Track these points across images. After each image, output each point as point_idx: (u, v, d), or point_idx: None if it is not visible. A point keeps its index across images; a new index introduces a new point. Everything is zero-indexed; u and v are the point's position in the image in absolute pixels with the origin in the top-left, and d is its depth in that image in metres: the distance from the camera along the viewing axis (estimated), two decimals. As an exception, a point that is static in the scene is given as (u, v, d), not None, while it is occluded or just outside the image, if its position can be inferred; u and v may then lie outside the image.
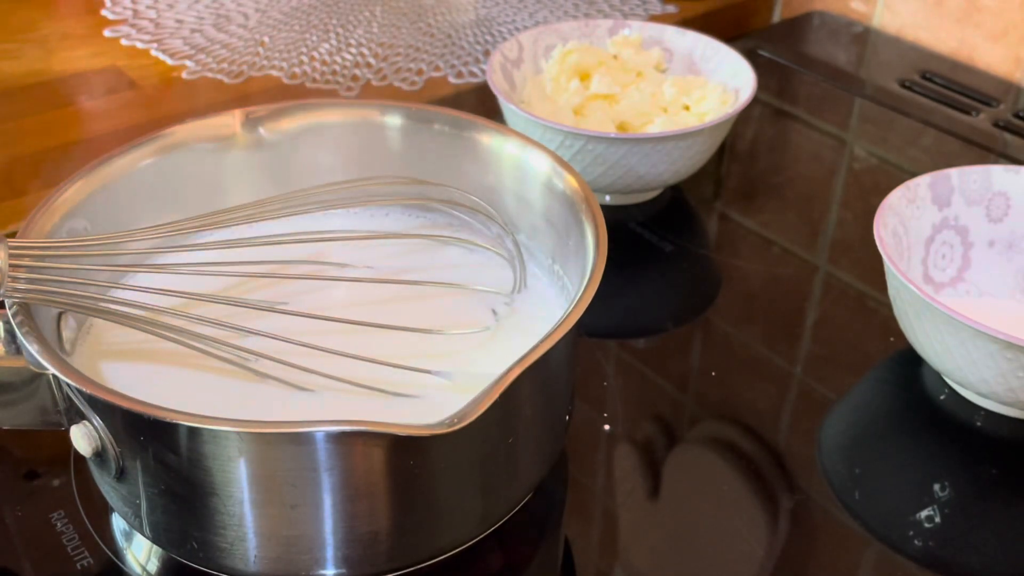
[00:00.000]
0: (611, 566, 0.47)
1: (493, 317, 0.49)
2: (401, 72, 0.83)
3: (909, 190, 0.57)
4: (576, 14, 0.93)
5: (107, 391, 0.38)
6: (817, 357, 0.59)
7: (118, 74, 0.81)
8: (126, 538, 0.46)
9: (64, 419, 0.42)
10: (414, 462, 0.39)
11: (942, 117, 0.82)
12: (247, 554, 0.40)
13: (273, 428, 0.36)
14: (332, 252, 0.52)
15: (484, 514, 0.43)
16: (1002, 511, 0.50)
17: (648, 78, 0.71)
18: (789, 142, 0.80)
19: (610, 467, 0.51)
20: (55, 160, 0.70)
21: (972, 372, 0.50)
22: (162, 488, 0.39)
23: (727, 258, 0.67)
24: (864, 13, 0.96)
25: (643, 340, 0.60)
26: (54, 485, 0.48)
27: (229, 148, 0.53)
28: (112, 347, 0.46)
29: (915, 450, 0.53)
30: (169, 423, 0.36)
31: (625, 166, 0.64)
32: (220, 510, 0.39)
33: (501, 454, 0.42)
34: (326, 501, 0.38)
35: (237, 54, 0.84)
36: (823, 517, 0.49)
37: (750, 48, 0.90)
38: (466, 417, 0.36)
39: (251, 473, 0.38)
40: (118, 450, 0.39)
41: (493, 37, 0.89)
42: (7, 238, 0.40)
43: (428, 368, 0.44)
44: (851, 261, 0.66)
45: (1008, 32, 0.86)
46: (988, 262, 0.59)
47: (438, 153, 0.53)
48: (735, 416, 0.54)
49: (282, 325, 0.45)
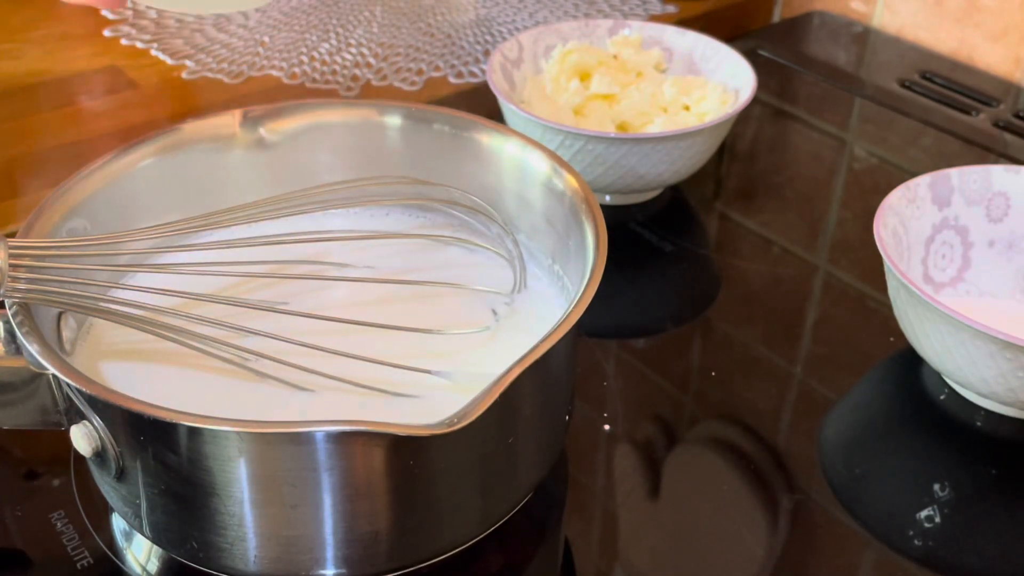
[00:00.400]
0: (611, 566, 0.47)
1: (493, 317, 0.49)
2: (401, 72, 0.83)
3: (909, 190, 0.57)
4: (576, 14, 0.93)
5: (107, 391, 0.38)
6: (817, 357, 0.59)
7: (118, 74, 0.81)
8: (126, 538, 0.46)
9: (64, 419, 0.42)
10: (414, 462, 0.39)
11: (942, 117, 0.81)
12: (247, 554, 0.40)
13: (273, 428, 0.36)
14: (332, 252, 0.52)
15: (484, 514, 0.43)
16: (1002, 511, 0.50)
17: (648, 78, 0.71)
18: (789, 142, 0.80)
19: (610, 467, 0.51)
20: (55, 160, 0.70)
21: (972, 372, 0.50)
22: (162, 488, 0.39)
23: (727, 258, 0.67)
24: (864, 13, 0.96)
25: (643, 340, 0.60)
26: (54, 485, 0.49)
27: (229, 148, 0.53)
28: (112, 347, 0.46)
29: (915, 450, 0.53)
30: (169, 423, 0.37)
31: (625, 166, 0.64)
32: (220, 510, 0.39)
33: (501, 454, 0.42)
34: (326, 501, 0.38)
35: (237, 54, 0.84)
36: (823, 517, 0.49)
37: (750, 48, 0.89)
38: (466, 417, 0.36)
39: (251, 473, 0.38)
40: (118, 450, 0.39)
41: (493, 37, 0.89)
42: (7, 238, 0.40)
43: (428, 368, 0.44)
44: (851, 261, 0.66)
45: (1008, 32, 0.86)
46: (988, 262, 0.59)
47: (438, 153, 0.53)
48: (735, 416, 0.54)
49: (282, 325, 0.45)
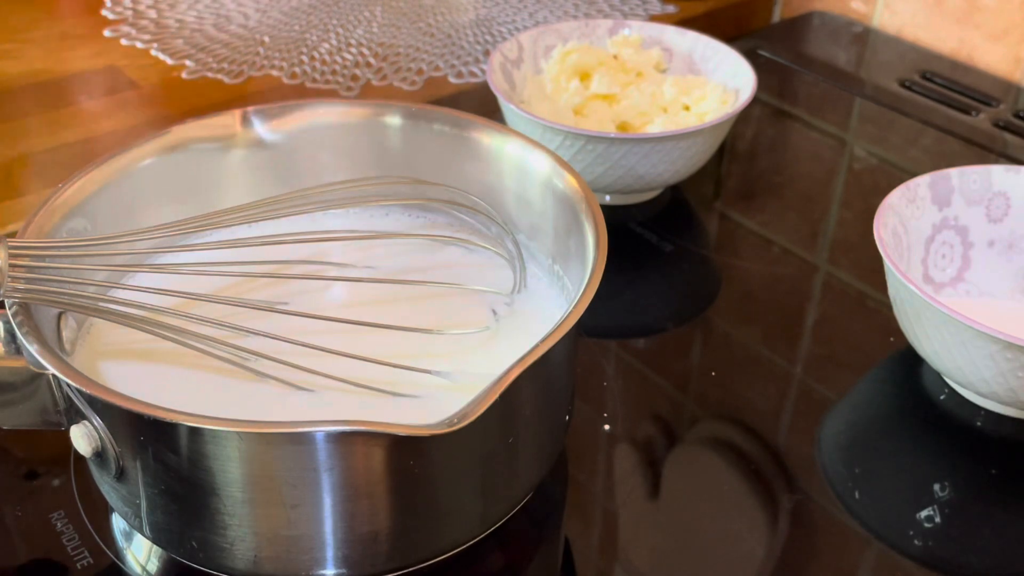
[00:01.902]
0: (611, 566, 0.47)
1: (493, 317, 0.49)
2: (401, 72, 0.83)
3: (909, 190, 0.57)
4: (576, 14, 0.93)
5: (107, 391, 0.38)
6: (817, 357, 0.59)
7: (118, 74, 0.81)
8: (126, 538, 0.46)
9: (64, 419, 0.42)
10: (414, 462, 0.39)
11: (942, 117, 0.81)
12: (247, 554, 0.40)
13: (273, 428, 0.36)
14: (332, 252, 0.52)
15: (484, 514, 0.43)
16: (1002, 511, 0.50)
17: (648, 78, 0.71)
18: (789, 142, 0.80)
19: (610, 467, 0.51)
20: (55, 160, 0.70)
21: (972, 372, 0.50)
22: (162, 488, 0.39)
23: (727, 258, 0.67)
24: (864, 13, 0.96)
25: (643, 340, 0.60)
26: (54, 485, 0.49)
27: (229, 148, 0.53)
28: (112, 347, 0.46)
29: (915, 450, 0.53)
30: (169, 423, 0.37)
31: (625, 166, 0.64)
32: (220, 510, 0.39)
33: (501, 454, 0.42)
34: (326, 501, 0.38)
35: (237, 54, 0.84)
36: (823, 517, 0.49)
37: (750, 48, 0.89)
38: (466, 417, 0.36)
39: (251, 473, 0.38)
40: (118, 450, 0.39)
41: (493, 37, 0.89)
42: (7, 238, 0.40)
43: (428, 368, 0.44)
44: (851, 261, 0.66)
45: (1008, 32, 0.86)
46: (988, 262, 0.59)
47: (438, 153, 0.53)
48: (735, 416, 0.54)
49: (282, 325, 0.45)
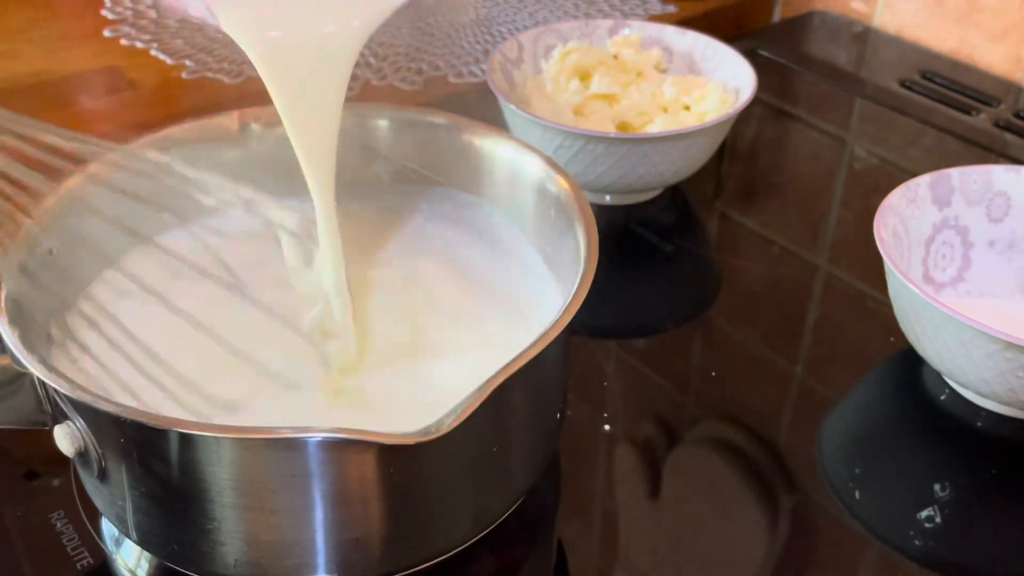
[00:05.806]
0: (610, 566, 0.47)
1: (491, 316, 0.49)
2: (401, 72, 0.82)
3: (909, 190, 0.57)
4: (576, 14, 0.93)
5: (86, 392, 0.37)
6: (817, 357, 0.59)
7: (118, 74, 0.80)
8: (125, 538, 0.46)
9: (49, 419, 0.41)
10: (394, 470, 0.38)
11: (942, 117, 0.81)
12: (228, 558, 0.39)
13: (255, 434, 0.36)
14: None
15: (474, 519, 0.42)
16: (1002, 511, 0.50)
17: (648, 78, 0.71)
18: (789, 142, 0.80)
19: (610, 467, 0.51)
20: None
21: (972, 372, 0.50)
22: (144, 491, 0.39)
23: (727, 258, 0.67)
24: (864, 13, 0.96)
25: (643, 340, 0.60)
26: (54, 485, 0.48)
27: (229, 148, 0.53)
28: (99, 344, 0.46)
29: (915, 450, 0.53)
30: (149, 426, 0.36)
31: (625, 166, 0.64)
32: (202, 514, 0.38)
33: (489, 460, 0.41)
34: (307, 507, 0.38)
35: (237, 54, 0.84)
36: (823, 517, 0.49)
37: (750, 48, 0.89)
38: (445, 425, 0.35)
39: (231, 478, 0.37)
40: (100, 451, 0.39)
41: (493, 37, 0.89)
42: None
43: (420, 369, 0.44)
44: (851, 261, 0.66)
45: (1008, 32, 0.86)
46: (988, 262, 0.59)
47: (433, 154, 0.53)
48: (735, 416, 0.54)
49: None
